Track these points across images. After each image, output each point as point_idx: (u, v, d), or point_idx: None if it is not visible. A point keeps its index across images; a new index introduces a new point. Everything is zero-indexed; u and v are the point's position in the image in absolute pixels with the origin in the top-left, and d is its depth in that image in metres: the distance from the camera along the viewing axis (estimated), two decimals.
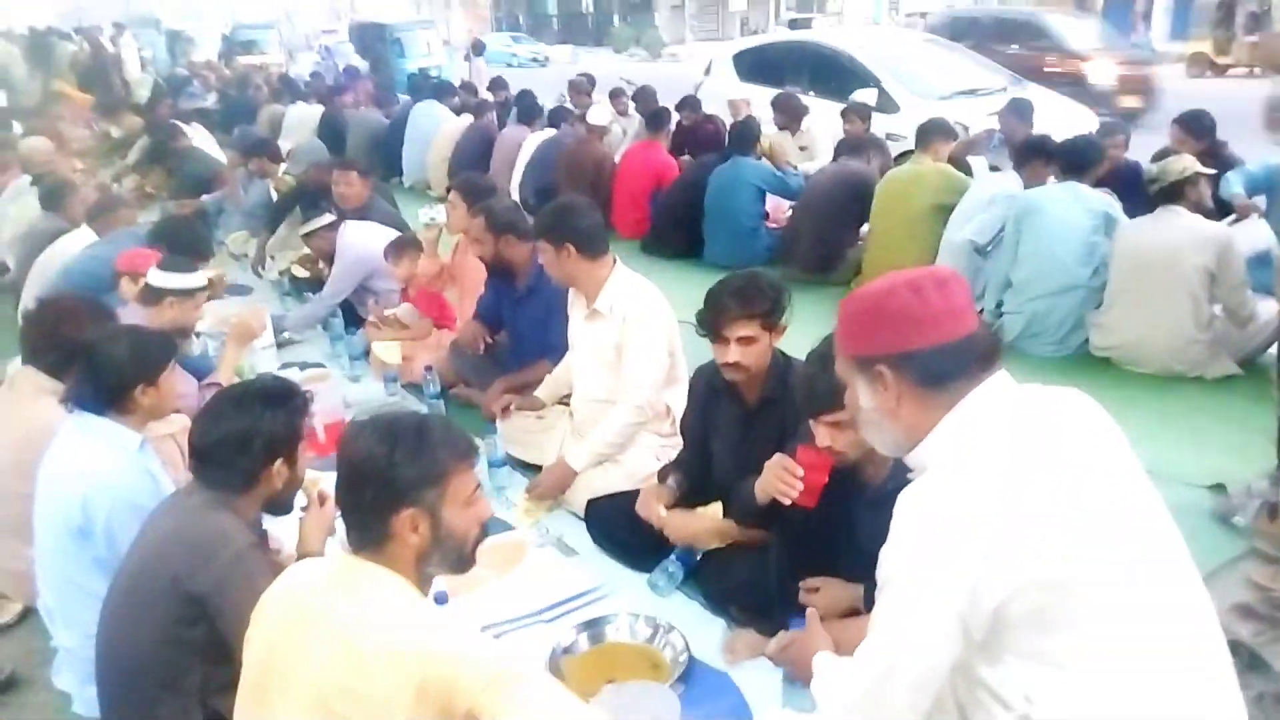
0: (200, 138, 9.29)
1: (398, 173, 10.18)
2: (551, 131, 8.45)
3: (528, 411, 3.84)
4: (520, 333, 4.21)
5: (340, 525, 1.79)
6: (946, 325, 1.51)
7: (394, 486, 1.67)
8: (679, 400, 3.28)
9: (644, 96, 9.02)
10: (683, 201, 6.85)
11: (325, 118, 11.33)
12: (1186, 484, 3.46)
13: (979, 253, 5.28)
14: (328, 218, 5.38)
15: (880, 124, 8.07)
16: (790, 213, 6.48)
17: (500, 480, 3.59)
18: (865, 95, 9.12)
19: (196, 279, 3.81)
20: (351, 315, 5.26)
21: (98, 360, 2.54)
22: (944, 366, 1.51)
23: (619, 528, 3.08)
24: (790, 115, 7.92)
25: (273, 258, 6.60)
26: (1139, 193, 4.71)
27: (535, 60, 31.68)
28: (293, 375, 4.71)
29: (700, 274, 6.51)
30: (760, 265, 6.40)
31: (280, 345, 5.13)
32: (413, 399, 4.41)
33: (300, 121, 11.74)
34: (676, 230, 6.87)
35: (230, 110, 14.22)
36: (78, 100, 14.87)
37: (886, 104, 8.98)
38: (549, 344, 3.91)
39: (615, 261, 3.46)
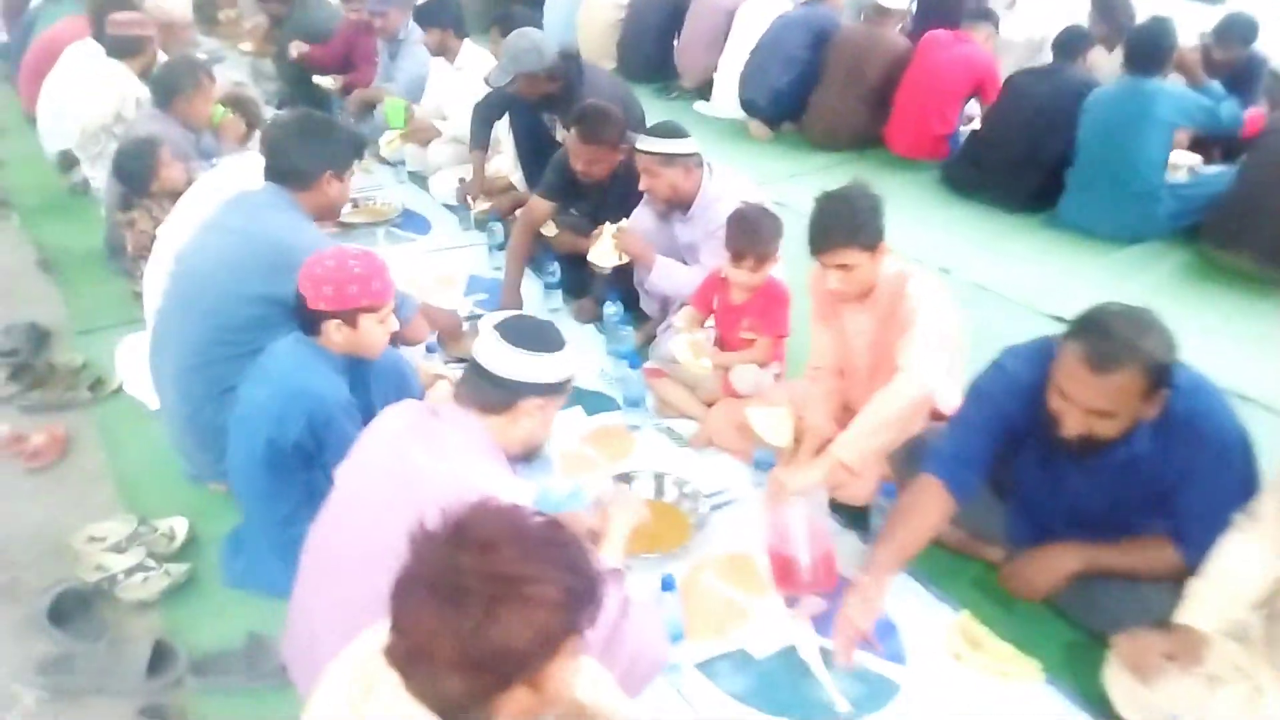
0: None
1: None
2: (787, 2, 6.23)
3: None
4: None
5: None
6: None
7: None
8: None
9: None
10: (1028, 125, 4.83)
11: None
12: None
13: None
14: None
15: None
16: (1241, 166, 4.40)
17: None
18: None
19: None
20: None
21: None
22: None
23: None
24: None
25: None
26: None
27: None
28: None
29: (1052, 239, 4.63)
30: (1161, 240, 4.54)
31: None
32: None
33: None
34: (1024, 170, 4.84)
35: None
36: None
37: None
38: None
39: None
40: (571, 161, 3.54)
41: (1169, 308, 3.94)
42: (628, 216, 3.60)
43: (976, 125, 5.47)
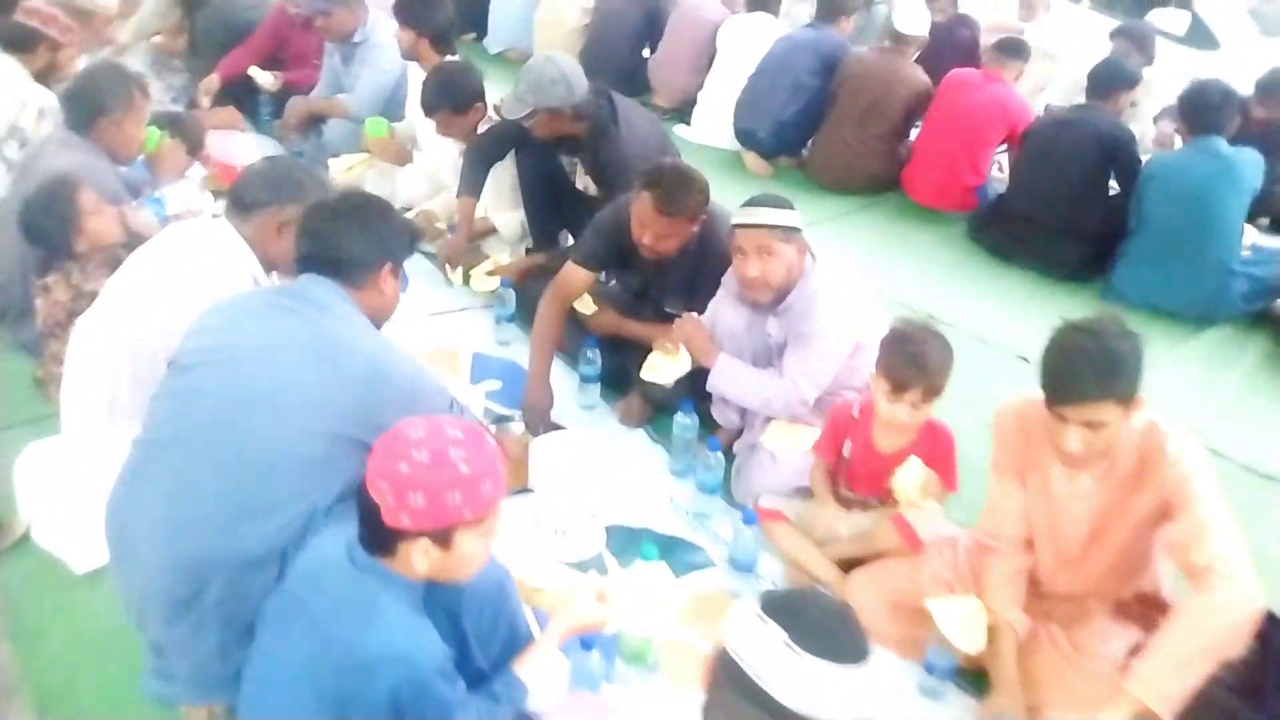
0: None
1: (479, 29, 6.94)
2: (788, 23, 5.59)
3: None
4: None
5: None
6: None
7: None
8: None
9: None
10: (1062, 185, 4.33)
11: None
12: None
13: None
14: None
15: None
16: None
17: None
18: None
19: None
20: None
21: None
22: None
23: None
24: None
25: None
26: None
27: None
28: None
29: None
30: (1234, 324, 4.11)
31: None
32: None
33: None
34: (1066, 237, 4.35)
35: None
36: None
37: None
38: None
39: None
40: (636, 232, 2.80)
41: (1270, 406, 3.62)
42: (690, 299, 2.90)
43: (998, 173, 5.01)
